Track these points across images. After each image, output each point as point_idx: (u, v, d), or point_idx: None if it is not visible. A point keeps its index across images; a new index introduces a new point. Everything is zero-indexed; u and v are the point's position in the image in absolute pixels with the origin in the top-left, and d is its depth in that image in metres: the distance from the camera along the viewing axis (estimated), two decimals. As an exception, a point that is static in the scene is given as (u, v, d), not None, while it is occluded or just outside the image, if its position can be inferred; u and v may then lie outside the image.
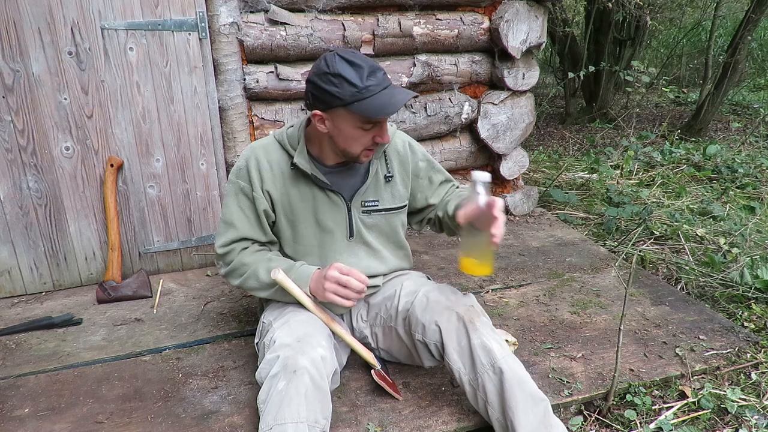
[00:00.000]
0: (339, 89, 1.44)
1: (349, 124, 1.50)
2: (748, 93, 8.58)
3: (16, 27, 2.11)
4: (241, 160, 1.68)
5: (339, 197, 1.67)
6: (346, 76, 1.43)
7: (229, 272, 1.70)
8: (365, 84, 1.44)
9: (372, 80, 1.45)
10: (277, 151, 1.66)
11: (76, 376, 1.84)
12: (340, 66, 1.44)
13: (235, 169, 1.68)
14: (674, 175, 4.32)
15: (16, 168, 2.25)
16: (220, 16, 2.36)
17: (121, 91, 2.31)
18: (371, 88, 1.44)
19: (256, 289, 1.65)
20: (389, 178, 1.73)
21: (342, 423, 1.61)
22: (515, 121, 3.08)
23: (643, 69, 6.78)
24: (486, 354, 1.50)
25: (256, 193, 1.64)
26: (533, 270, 2.62)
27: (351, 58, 1.46)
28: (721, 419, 1.74)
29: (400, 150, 1.76)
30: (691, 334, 2.07)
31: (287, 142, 1.65)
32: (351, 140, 1.54)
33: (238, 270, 1.66)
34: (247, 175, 1.64)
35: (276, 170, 1.65)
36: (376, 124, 1.52)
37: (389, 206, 1.75)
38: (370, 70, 1.46)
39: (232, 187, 1.68)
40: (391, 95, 1.46)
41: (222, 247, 1.67)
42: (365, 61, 1.47)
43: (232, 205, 1.67)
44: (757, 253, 2.70)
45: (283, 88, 2.57)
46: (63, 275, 2.45)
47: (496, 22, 2.84)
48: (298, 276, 1.60)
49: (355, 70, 1.44)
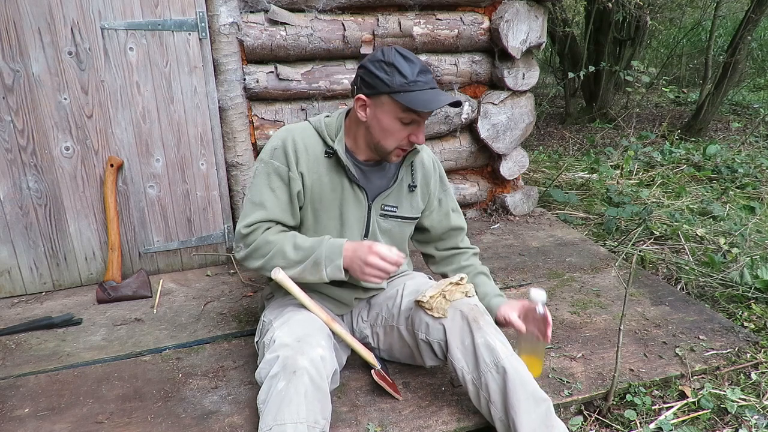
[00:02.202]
0: (389, 77, 1.49)
1: (389, 114, 1.53)
2: (748, 93, 8.58)
3: (16, 27, 2.10)
4: (275, 140, 1.64)
5: (363, 194, 1.68)
6: (399, 66, 1.49)
7: (249, 253, 1.60)
8: (415, 78, 1.49)
9: (422, 77, 1.51)
10: (314, 137, 1.65)
11: (76, 376, 1.84)
12: (395, 57, 1.50)
13: (269, 149, 1.63)
14: (674, 175, 4.32)
15: (16, 168, 2.25)
16: (220, 16, 2.36)
17: (121, 91, 2.31)
18: (420, 84, 1.50)
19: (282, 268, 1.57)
20: (413, 187, 1.75)
21: (342, 423, 1.60)
22: (515, 121, 3.08)
23: (643, 69, 6.77)
24: (490, 353, 1.50)
25: (292, 174, 1.60)
26: (533, 270, 2.62)
27: (407, 54, 1.52)
28: (721, 419, 1.74)
29: (426, 164, 1.79)
30: (691, 334, 2.07)
31: (324, 130, 1.65)
32: (387, 133, 1.55)
33: (261, 249, 1.58)
34: (284, 155, 1.60)
35: (311, 154, 1.63)
36: (414, 121, 1.54)
37: (406, 215, 1.76)
38: (422, 68, 1.52)
39: (265, 167, 1.62)
40: (436, 93, 1.52)
41: (247, 227, 1.59)
42: (419, 60, 1.53)
43: (262, 186, 1.61)
44: (757, 253, 2.70)
45: (283, 88, 2.57)
46: (63, 275, 2.45)
47: (496, 22, 2.84)
48: (330, 249, 1.55)
49: (408, 64, 1.50)
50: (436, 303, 1.59)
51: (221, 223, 2.63)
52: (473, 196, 3.25)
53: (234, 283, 2.51)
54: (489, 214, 3.32)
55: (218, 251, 2.68)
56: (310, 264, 1.55)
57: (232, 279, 2.55)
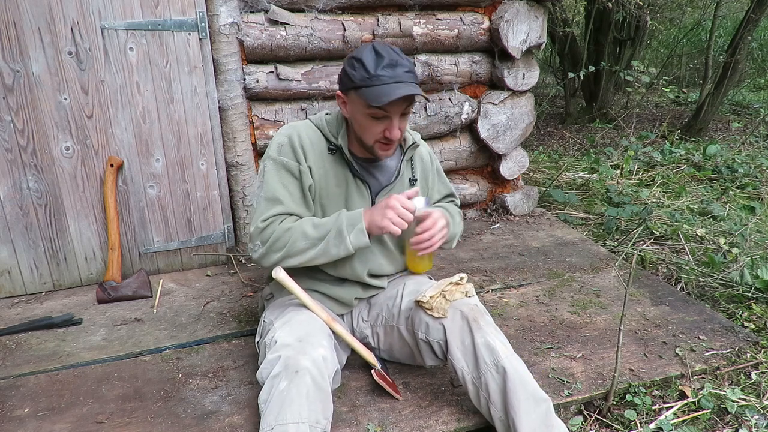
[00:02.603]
0: (355, 72, 1.50)
1: (359, 109, 1.54)
2: (748, 93, 8.58)
3: (16, 27, 2.10)
4: (281, 138, 1.64)
5: (366, 189, 1.69)
6: (364, 61, 1.49)
7: (269, 247, 1.56)
8: (377, 73, 1.47)
9: (386, 71, 1.47)
10: (317, 133, 1.67)
11: (76, 376, 1.84)
12: (366, 53, 1.50)
13: (275, 146, 1.63)
14: (674, 175, 4.32)
15: (16, 168, 2.25)
16: (220, 16, 2.36)
17: (121, 91, 2.30)
18: (382, 78, 1.47)
19: (305, 250, 1.54)
20: (413, 181, 1.77)
21: (342, 423, 1.60)
22: (515, 121, 3.08)
23: (643, 69, 6.77)
24: (489, 353, 1.50)
25: (302, 167, 1.60)
26: (533, 270, 2.62)
27: (380, 49, 1.50)
28: (721, 419, 1.74)
29: (424, 158, 1.82)
30: (691, 334, 2.07)
31: (326, 127, 1.66)
32: (363, 128, 1.56)
33: (281, 239, 1.54)
34: (292, 151, 1.61)
35: (317, 150, 1.64)
36: (385, 116, 1.52)
37: None
38: (390, 62, 1.48)
39: (274, 164, 1.61)
40: (396, 88, 1.46)
41: (263, 221, 1.56)
42: (392, 54, 1.50)
43: (273, 182, 1.60)
44: (757, 253, 2.70)
45: (283, 88, 2.57)
46: (63, 275, 2.45)
47: (496, 22, 2.84)
48: (349, 217, 1.54)
49: (376, 59, 1.49)
50: (436, 303, 1.59)
51: (221, 223, 2.63)
52: (473, 196, 3.25)
53: (234, 283, 2.51)
54: (489, 214, 3.32)
55: (218, 251, 2.68)
56: (332, 236, 1.53)
57: (232, 279, 2.55)
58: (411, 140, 1.75)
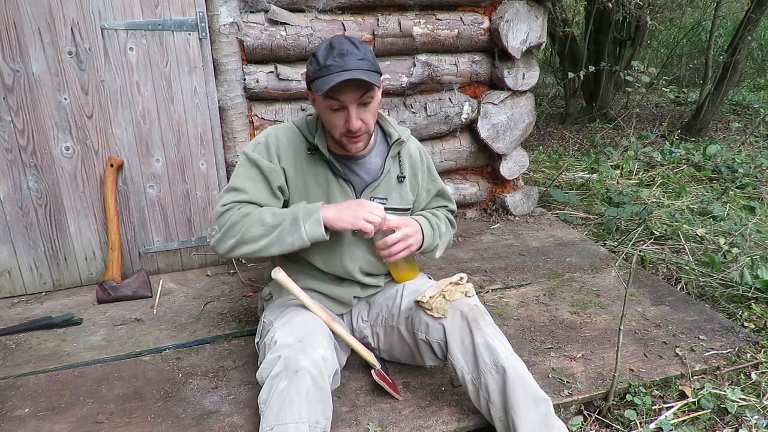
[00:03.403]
0: (310, 66, 1.52)
1: (319, 103, 1.55)
2: (748, 93, 8.58)
3: (16, 27, 2.11)
4: (260, 137, 1.66)
5: (350, 187, 1.69)
6: (317, 55, 1.50)
7: (224, 233, 1.53)
8: (326, 63, 1.46)
9: (336, 60, 1.44)
10: (297, 135, 1.68)
11: (76, 376, 1.84)
12: (321, 47, 1.51)
13: (252, 144, 1.66)
14: (674, 175, 4.32)
15: (16, 168, 2.25)
16: (220, 16, 2.36)
17: (121, 91, 2.31)
18: (330, 68, 1.44)
19: (258, 237, 1.51)
20: (401, 179, 1.76)
21: (342, 423, 1.60)
22: (515, 121, 3.08)
23: (643, 69, 6.78)
24: (489, 353, 1.50)
25: (274, 166, 1.61)
26: (533, 270, 2.62)
27: (334, 41, 1.49)
28: (721, 419, 1.74)
29: (413, 154, 1.80)
30: (691, 334, 2.07)
31: (305, 127, 1.67)
32: (328, 122, 1.57)
33: (237, 225, 1.51)
34: (266, 150, 1.63)
35: (294, 151, 1.65)
36: (342, 107, 1.49)
37: (396, 206, 1.76)
38: (340, 52, 1.45)
39: (245, 159, 1.62)
40: (339, 76, 1.42)
41: (223, 206, 1.55)
42: (345, 45, 1.47)
43: (242, 175, 1.60)
44: (757, 253, 2.70)
45: (283, 88, 2.57)
46: (63, 275, 2.45)
47: (496, 22, 2.84)
48: (307, 207, 1.54)
49: (328, 50, 1.47)
50: (436, 303, 1.59)
51: (221, 223, 2.63)
52: (473, 196, 3.25)
53: (234, 283, 2.51)
54: (489, 214, 3.32)
55: (218, 251, 2.68)
56: (287, 224, 1.51)
57: (232, 279, 2.55)
58: (396, 136, 1.71)
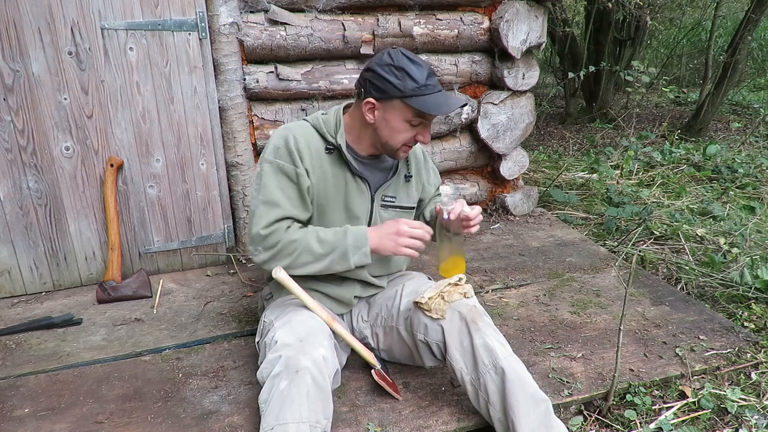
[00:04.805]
0: (401, 81, 1.52)
1: (399, 116, 1.57)
2: (748, 93, 8.58)
3: (16, 27, 2.10)
4: (277, 140, 1.63)
5: (366, 186, 1.70)
6: (409, 71, 1.52)
7: (274, 255, 1.57)
8: (426, 82, 1.53)
9: (431, 81, 1.55)
10: (313, 134, 1.66)
11: (76, 376, 1.84)
12: (404, 61, 1.54)
13: (272, 149, 1.63)
14: (674, 175, 4.32)
15: (16, 168, 2.25)
16: (220, 16, 2.36)
17: (121, 91, 2.30)
18: (430, 87, 1.54)
19: (308, 263, 1.59)
20: (409, 177, 1.80)
21: (342, 423, 1.60)
22: (515, 121, 3.08)
23: (643, 69, 6.77)
24: (488, 354, 1.50)
25: (299, 170, 1.60)
26: (533, 270, 2.62)
27: (414, 57, 1.56)
28: (721, 419, 1.74)
29: (418, 154, 1.86)
30: (691, 334, 2.07)
31: (323, 127, 1.66)
32: (396, 133, 1.59)
33: (286, 249, 1.57)
34: (288, 154, 1.60)
35: (313, 151, 1.64)
36: (422, 123, 1.59)
37: (404, 204, 1.80)
38: (429, 71, 1.56)
39: (270, 167, 1.60)
40: (446, 97, 1.57)
41: (265, 228, 1.56)
42: (426, 63, 1.58)
43: (271, 185, 1.59)
44: (757, 253, 2.70)
45: (283, 88, 2.57)
46: (63, 275, 2.45)
47: (496, 22, 2.84)
48: (355, 238, 1.59)
49: (418, 68, 1.54)
50: (435, 304, 1.59)
51: (221, 223, 2.63)
52: (473, 196, 3.25)
53: (234, 283, 2.51)
54: (489, 214, 3.32)
55: (218, 251, 2.68)
56: (337, 256, 1.60)
57: (232, 279, 2.55)
58: None
